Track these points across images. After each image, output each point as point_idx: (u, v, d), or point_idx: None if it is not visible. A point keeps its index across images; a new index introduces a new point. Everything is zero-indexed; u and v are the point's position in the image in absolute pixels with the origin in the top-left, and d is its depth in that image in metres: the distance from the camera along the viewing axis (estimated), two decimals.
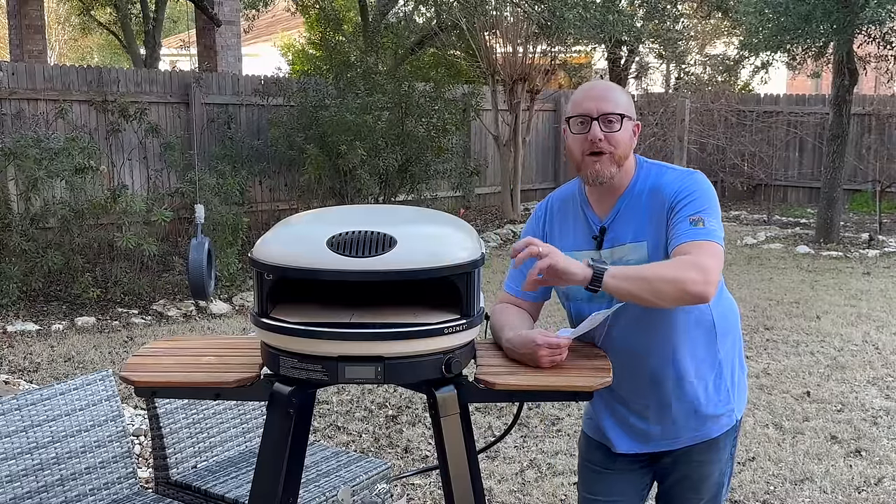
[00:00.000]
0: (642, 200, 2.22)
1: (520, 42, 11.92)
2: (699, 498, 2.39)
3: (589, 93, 2.22)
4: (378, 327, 1.85)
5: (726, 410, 2.35)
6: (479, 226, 11.93)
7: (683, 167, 2.34)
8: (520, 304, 2.37)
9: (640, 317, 2.21)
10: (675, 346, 2.24)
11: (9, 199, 7.32)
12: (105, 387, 3.03)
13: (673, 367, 2.26)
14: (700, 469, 2.37)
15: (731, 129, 14.65)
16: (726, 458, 2.41)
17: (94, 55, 28.84)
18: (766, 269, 9.52)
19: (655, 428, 2.32)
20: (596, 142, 2.16)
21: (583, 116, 2.18)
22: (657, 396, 2.28)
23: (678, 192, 2.17)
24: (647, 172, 2.26)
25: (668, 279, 2.03)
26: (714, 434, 2.34)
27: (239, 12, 13.79)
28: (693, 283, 2.01)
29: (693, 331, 2.26)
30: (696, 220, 2.11)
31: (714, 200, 2.18)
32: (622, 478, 2.43)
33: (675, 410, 2.29)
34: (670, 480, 2.41)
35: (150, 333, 6.74)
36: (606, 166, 2.18)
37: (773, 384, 5.59)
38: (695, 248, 2.07)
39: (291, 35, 22.27)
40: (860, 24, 9.77)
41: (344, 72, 9.99)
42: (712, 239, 2.10)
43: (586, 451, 2.51)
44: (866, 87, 16.91)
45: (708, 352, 2.29)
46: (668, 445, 2.34)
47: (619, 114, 2.17)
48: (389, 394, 5.33)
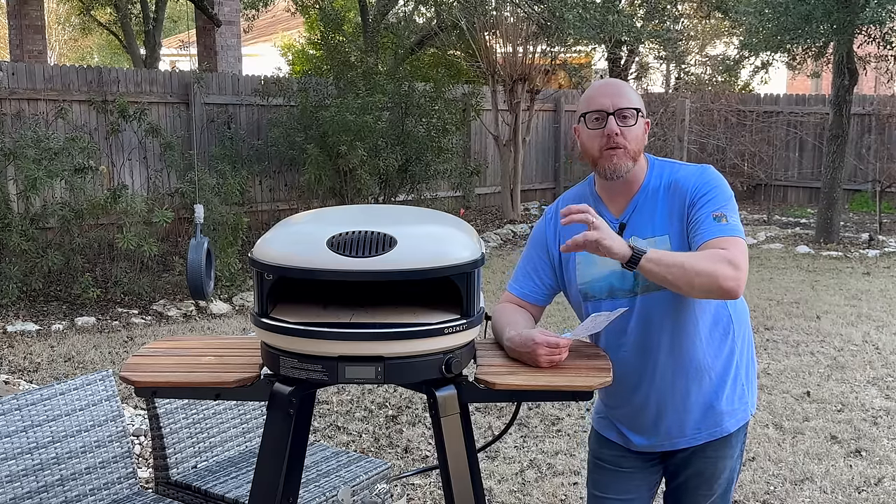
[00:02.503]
0: (660, 195, 2.25)
1: (520, 42, 11.92)
2: (710, 494, 2.40)
3: (603, 89, 2.24)
4: (378, 327, 1.85)
5: (741, 406, 2.37)
6: (479, 226, 11.93)
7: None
8: (523, 305, 2.37)
9: (660, 313, 2.23)
10: (694, 342, 2.27)
11: (9, 199, 7.32)
12: (105, 387, 3.03)
13: (692, 362, 2.27)
14: (714, 465, 2.37)
15: (731, 129, 14.66)
16: (738, 453, 2.42)
17: (94, 55, 28.86)
18: (766, 269, 9.52)
19: (674, 425, 2.32)
20: (613, 136, 2.18)
21: (598, 112, 2.20)
22: (676, 392, 2.29)
23: (698, 187, 2.21)
24: (660, 169, 2.29)
25: (704, 272, 2.06)
26: (730, 430, 2.35)
27: (239, 12, 13.78)
28: (726, 279, 2.06)
29: (712, 327, 2.29)
30: (719, 216, 2.15)
31: (731, 195, 2.23)
32: (635, 476, 2.44)
33: (693, 406, 2.30)
34: (682, 477, 2.41)
35: (150, 333, 6.74)
36: (623, 160, 2.20)
37: (773, 384, 5.59)
38: (726, 243, 2.11)
39: (291, 35, 22.28)
40: (860, 24, 9.77)
41: (344, 72, 9.98)
42: (739, 235, 2.15)
43: (598, 449, 2.51)
44: (866, 87, 16.92)
45: (725, 348, 2.31)
46: (686, 442, 2.34)
47: (635, 108, 2.21)
48: (389, 394, 5.33)
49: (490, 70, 11.96)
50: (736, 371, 2.34)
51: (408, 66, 12.52)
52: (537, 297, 2.37)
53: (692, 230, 2.18)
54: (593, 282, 2.28)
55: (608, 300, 2.27)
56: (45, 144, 7.38)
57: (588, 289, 2.30)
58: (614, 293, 2.26)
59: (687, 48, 14.87)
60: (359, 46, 11.37)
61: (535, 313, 2.38)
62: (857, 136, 13.65)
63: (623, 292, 2.24)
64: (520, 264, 2.43)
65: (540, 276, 2.37)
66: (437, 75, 10.96)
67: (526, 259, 2.42)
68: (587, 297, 2.32)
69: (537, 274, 2.38)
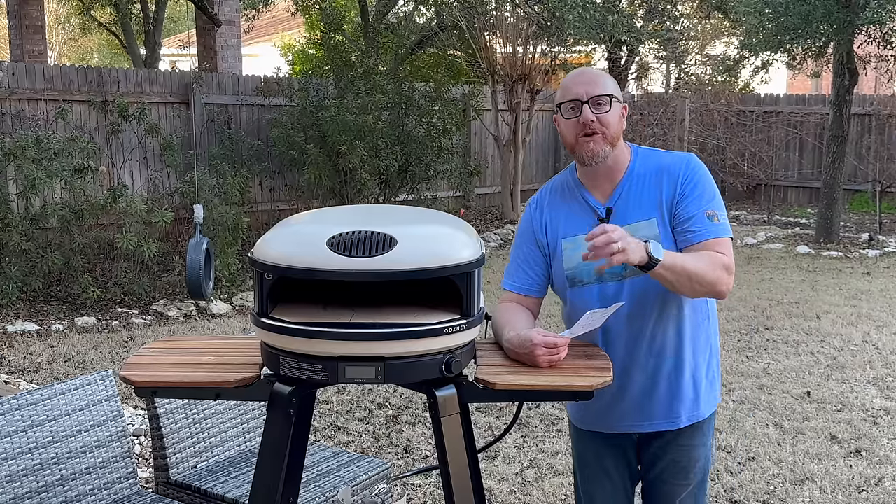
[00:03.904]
0: (646, 181, 2.32)
1: (520, 42, 11.92)
2: (688, 483, 2.43)
3: (577, 78, 2.32)
4: (378, 327, 1.85)
5: (713, 392, 2.45)
6: (479, 226, 11.93)
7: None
8: (520, 300, 2.40)
9: (648, 296, 2.28)
10: (679, 325, 2.33)
11: (9, 199, 7.32)
12: (105, 387, 3.03)
13: (677, 344, 2.33)
14: (689, 453, 2.41)
15: (731, 129, 14.65)
16: (710, 441, 2.48)
17: (94, 55, 28.85)
18: (766, 269, 9.52)
19: (658, 406, 2.36)
20: (588, 123, 2.25)
21: (573, 101, 2.28)
22: (662, 373, 2.34)
23: (688, 176, 2.29)
24: (644, 156, 2.37)
25: (705, 280, 2.18)
26: (705, 415, 2.41)
27: (239, 12, 13.77)
28: (722, 285, 2.21)
29: (693, 312, 2.36)
30: (711, 214, 2.26)
31: (715, 187, 2.32)
32: (618, 466, 2.49)
33: (676, 388, 2.35)
34: (658, 469, 2.44)
35: (150, 333, 6.74)
36: (600, 146, 2.28)
37: (773, 384, 5.59)
38: (721, 246, 2.24)
39: (291, 35, 22.28)
40: (860, 24, 9.77)
41: (344, 72, 9.98)
42: (728, 234, 2.27)
43: (577, 442, 2.56)
44: (866, 87, 16.92)
45: (703, 333, 2.39)
46: (668, 425, 2.38)
47: (608, 95, 2.27)
48: (389, 394, 5.33)
49: (490, 70, 11.96)
50: (710, 356, 2.41)
51: (408, 66, 12.53)
52: (532, 289, 2.40)
53: (683, 224, 2.26)
54: (579, 265, 2.32)
55: (597, 284, 2.32)
56: (45, 144, 7.38)
57: (576, 273, 2.34)
58: (603, 277, 2.30)
59: (687, 48, 14.88)
60: (359, 46, 11.38)
61: (534, 307, 2.41)
62: (857, 136, 13.64)
63: (612, 275, 2.29)
64: (511, 259, 2.48)
65: (532, 267, 2.41)
66: (437, 75, 10.96)
67: (516, 252, 2.46)
68: (575, 283, 2.36)
69: (528, 265, 2.41)
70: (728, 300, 7.91)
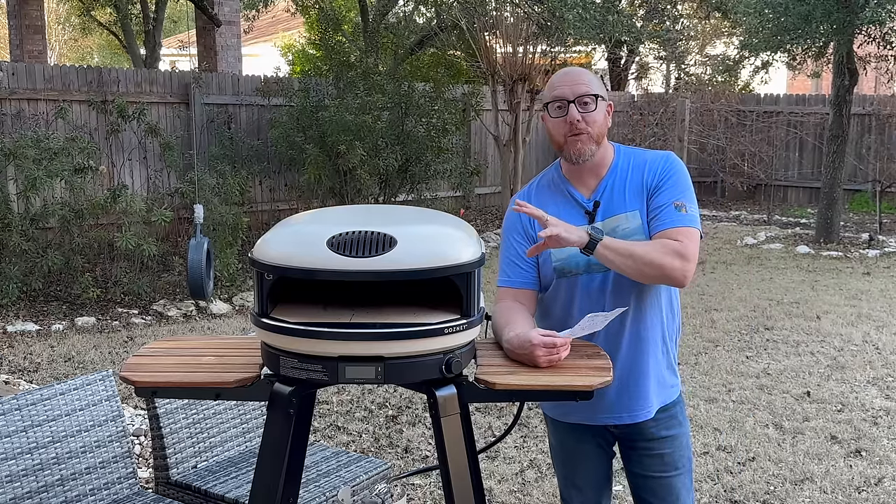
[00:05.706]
0: (629, 176, 2.39)
1: (520, 42, 11.91)
2: (678, 472, 2.49)
3: (563, 78, 2.37)
4: (378, 327, 1.85)
5: (677, 377, 2.52)
6: (479, 226, 11.93)
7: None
8: (517, 294, 2.42)
9: (630, 285, 2.35)
10: (657, 314, 2.40)
11: (9, 199, 7.32)
12: (105, 387, 3.03)
13: (655, 333, 2.40)
14: (672, 443, 2.48)
15: (731, 129, 14.66)
16: (687, 428, 2.54)
17: (94, 55, 28.86)
18: (766, 269, 9.52)
19: (635, 395, 2.41)
20: (574, 123, 2.31)
21: (560, 100, 2.33)
22: (640, 362, 2.39)
23: (665, 170, 2.36)
24: (626, 154, 2.44)
25: (653, 263, 2.22)
26: (673, 397, 2.47)
27: (239, 12, 13.77)
28: (673, 270, 2.23)
29: (669, 301, 2.45)
30: (680, 205, 2.31)
31: (691, 184, 2.39)
32: (598, 455, 2.56)
33: (651, 376, 2.41)
34: (646, 465, 2.49)
35: (150, 333, 6.74)
36: (587, 145, 2.33)
37: (773, 384, 5.59)
38: (681, 234, 2.27)
39: (291, 35, 22.29)
40: (860, 24, 9.77)
41: (344, 72, 9.98)
42: (694, 225, 2.31)
43: (554, 435, 2.62)
44: (866, 87, 16.92)
45: (670, 322, 2.47)
46: (644, 415, 2.42)
47: (594, 94, 2.33)
48: (389, 394, 5.33)
49: (490, 70, 11.95)
50: (675, 346, 2.51)
51: (407, 66, 12.53)
52: (527, 282, 2.43)
53: (653, 214, 2.33)
54: (570, 257, 2.36)
55: (585, 274, 2.36)
56: (45, 144, 7.38)
57: (564, 265, 2.38)
58: (591, 267, 2.35)
59: (687, 48, 14.88)
60: (359, 46, 11.37)
61: (530, 301, 2.42)
62: (857, 136, 13.65)
63: (599, 266, 2.32)
64: (501, 257, 2.50)
65: (524, 261, 2.43)
66: (437, 75, 10.96)
67: (506, 249, 2.48)
68: (563, 274, 2.39)
69: (521, 259, 2.44)
70: (728, 300, 7.92)
